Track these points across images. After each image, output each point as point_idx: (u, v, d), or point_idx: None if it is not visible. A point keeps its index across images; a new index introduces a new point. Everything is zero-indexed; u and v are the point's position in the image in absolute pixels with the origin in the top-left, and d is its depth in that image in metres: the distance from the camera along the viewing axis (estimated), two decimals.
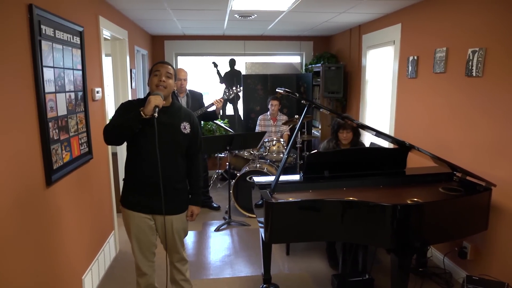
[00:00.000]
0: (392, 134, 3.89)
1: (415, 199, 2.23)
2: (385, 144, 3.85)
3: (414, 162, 3.20)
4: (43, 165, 2.10)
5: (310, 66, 5.80)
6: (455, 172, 2.67)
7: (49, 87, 2.14)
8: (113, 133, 2.06)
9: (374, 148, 3.76)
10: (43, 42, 2.06)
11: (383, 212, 2.11)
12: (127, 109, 2.12)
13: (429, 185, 2.57)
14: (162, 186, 2.05)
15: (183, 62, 6.25)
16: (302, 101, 2.61)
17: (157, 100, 1.99)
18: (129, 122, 2.00)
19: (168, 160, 2.12)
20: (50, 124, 2.15)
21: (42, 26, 2.05)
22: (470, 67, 2.75)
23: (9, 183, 1.77)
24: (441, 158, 2.50)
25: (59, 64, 2.29)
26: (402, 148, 2.72)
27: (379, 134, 2.59)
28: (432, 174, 2.74)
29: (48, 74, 2.13)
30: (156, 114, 1.97)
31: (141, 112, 1.97)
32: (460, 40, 2.89)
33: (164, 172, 2.08)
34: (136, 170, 2.15)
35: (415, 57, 3.47)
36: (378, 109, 4.47)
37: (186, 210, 2.31)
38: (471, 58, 2.73)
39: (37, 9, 1.99)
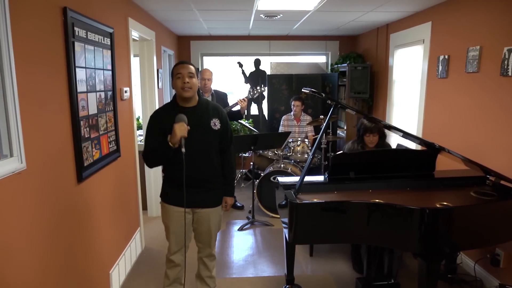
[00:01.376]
0: (420, 136, 3.78)
1: (445, 203, 2.16)
2: (412, 145, 3.76)
3: (444, 165, 3.10)
4: (75, 162, 2.18)
5: (336, 66, 5.73)
6: (488, 176, 2.56)
7: (81, 87, 2.22)
8: (151, 161, 2.25)
9: (401, 149, 3.67)
10: (76, 44, 2.13)
11: (410, 215, 2.06)
12: (156, 124, 2.21)
13: (459, 189, 2.48)
14: (196, 181, 2.20)
15: (208, 62, 6.32)
16: (327, 101, 2.58)
17: (182, 131, 2.03)
18: (161, 151, 2.12)
19: (202, 157, 2.20)
20: (81, 122, 2.23)
21: (75, 28, 2.13)
22: (505, 66, 2.63)
23: (44, 179, 1.84)
24: (473, 161, 2.41)
25: (91, 64, 2.36)
26: (431, 150, 2.63)
27: (406, 135, 2.52)
28: (463, 178, 2.64)
29: (80, 74, 2.20)
30: (183, 149, 2.02)
31: (169, 143, 2.05)
32: (495, 38, 2.77)
33: (198, 168, 2.18)
34: (174, 168, 2.22)
35: (446, 57, 3.36)
36: (406, 110, 4.36)
37: (221, 203, 2.40)
38: (506, 56, 2.62)
39: (71, 11, 2.07)
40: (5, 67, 1.54)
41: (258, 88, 4.08)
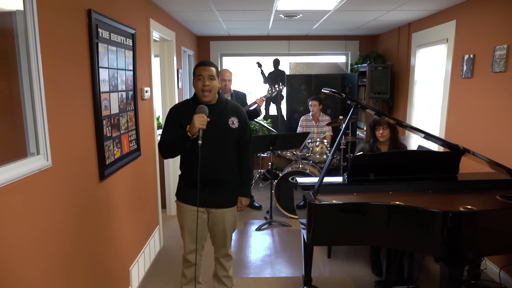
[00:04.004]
0: (442, 137, 3.69)
1: (469, 207, 2.10)
2: (434, 147, 3.67)
3: (468, 167, 3.01)
4: (97, 161, 2.23)
5: (356, 66, 5.66)
6: None
7: (104, 87, 2.27)
8: (167, 152, 2.23)
9: (423, 151, 3.58)
10: (99, 45, 2.18)
11: (432, 218, 2.01)
12: (175, 117, 2.22)
13: (484, 192, 2.41)
14: (212, 181, 2.18)
15: (227, 62, 6.35)
16: (347, 102, 2.55)
17: (201, 122, 2.02)
18: (179, 143, 2.10)
19: (219, 156, 2.20)
20: (104, 121, 2.28)
21: (99, 30, 2.18)
22: None
23: (68, 177, 1.89)
24: (499, 163, 2.33)
25: (113, 65, 2.42)
26: (454, 152, 2.57)
27: (428, 136, 2.46)
28: (488, 181, 2.56)
29: (103, 75, 2.26)
30: (200, 141, 2.02)
31: (188, 132, 2.04)
32: None
33: (215, 167, 2.18)
34: (190, 167, 2.23)
35: (471, 56, 3.27)
36: (428, 111, 4.26)
37: (236, 203, 2.39)
38: None
39: (95, 13, 2.12)
40: (33, 67, 1.60)
41: (276, 86, 4.08)
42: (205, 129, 2.05)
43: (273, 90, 4.06)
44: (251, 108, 4.07)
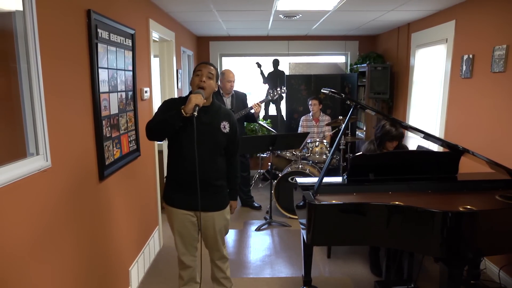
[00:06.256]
0: (442, 137, 3.69)
1: (468, 207, 2.10)
2: (434, 147, 3.68)
3: (467, 167, 3.01)
4: (97, 161, 2.23)
5: (355, 66, 5.67)
6: None
7: (103, 87, 2.27)
8: (155, 130, 2.12)
9: (423, 151, 3.59)
10: (99, 45, 2.18)
11: (432, 219, 2.01)
12: (169, 107, 2.18)
13: (484, 192, 2.41)
14: (201, 184, 2.11)
15: (227, 63, 6.35)
16: (347, 102, 2.55)
17: (197, 99, 2.03)
18: (170, 120, 2.04)
19: (207, 158, 2.17)
20: (103, 122, 2.27)
21: (98, 30, 2.17)
22: None
23: (67, 177, 1.89)
24: (498, 163, 2.34)
25: (113, 65, 2.41)
26: (454, 152, 2.57)
27: (428, 136, 2.46)
28: (487, 181, 2.56)
29: (103, 75, 2.25)
30: (195, 113, 2.00)
31: (182, 110, 2.01)
32: None
33: (203, 170, 2.13)
34: (178, 168, 2.21)
35: (470, 56, 3.27)
36: (427, 111, 4.26)
37: (226, 206, 2.36)
38: None
39: (95, 14, 2.12)
40: (32, 68, 1.59)
41: (278, 89, 4.10)
42: (197, 129, 2.03)
43: (275, 93, 4.08)
44: (250, 112, 4.10)
